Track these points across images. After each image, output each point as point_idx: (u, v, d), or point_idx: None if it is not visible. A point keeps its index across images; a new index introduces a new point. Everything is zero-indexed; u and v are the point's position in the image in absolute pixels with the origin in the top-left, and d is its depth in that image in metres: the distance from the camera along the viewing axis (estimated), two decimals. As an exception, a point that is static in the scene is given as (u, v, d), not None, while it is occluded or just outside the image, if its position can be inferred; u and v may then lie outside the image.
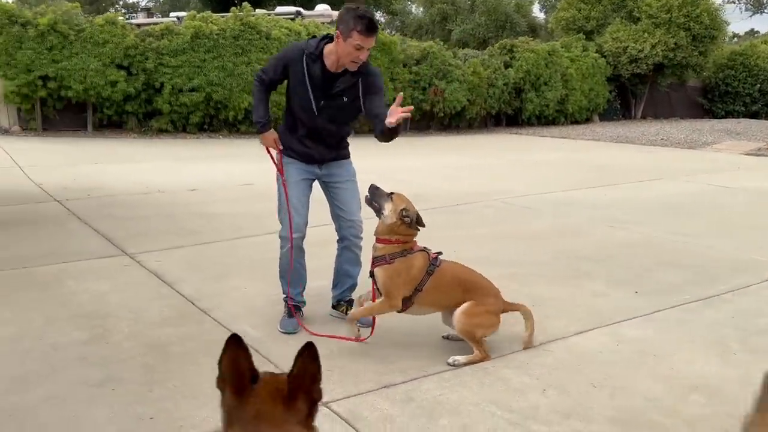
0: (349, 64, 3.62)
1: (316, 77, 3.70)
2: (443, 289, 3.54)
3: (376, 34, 3.54)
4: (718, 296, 4.53)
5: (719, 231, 6.61)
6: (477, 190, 8.63)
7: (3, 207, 7.03)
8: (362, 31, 3.48)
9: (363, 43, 3.51)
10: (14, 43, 12.51)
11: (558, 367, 3.44)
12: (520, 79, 18.87)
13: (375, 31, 3.52)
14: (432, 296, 3.54)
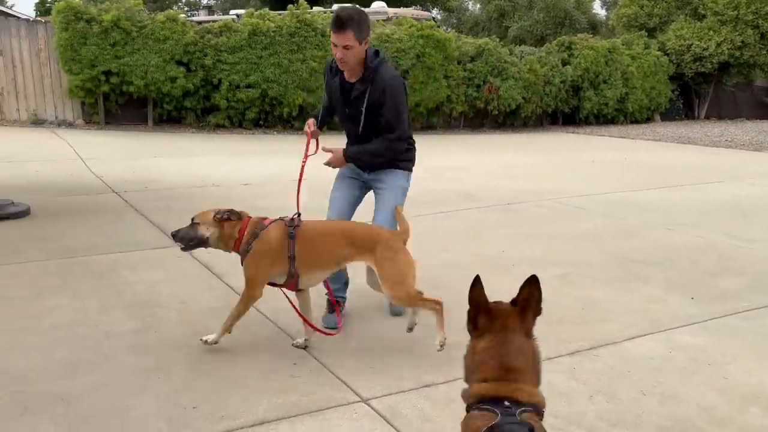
0: (339, 66, 3.65)
1: (335, 87, 3.80)
2: (319, 247, 3.38)
3: (344, 30, 3.45)
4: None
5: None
6: (529, 189, 8.48)
7: (65, 197, 7.29)
8: (331, 27, 3.51)
9: (333, 40, 3.52)
10: (79, 39, 12.95)
11: (607, 372, 3.33)
12: (578, 76, 18.47)
13: (341, 27, 3.45)
14: (310, 258, 3.35)
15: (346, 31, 3.46)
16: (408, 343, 3.61)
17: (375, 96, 3.65)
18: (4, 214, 6.12)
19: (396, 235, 3.50)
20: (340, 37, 3.48)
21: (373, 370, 3.30)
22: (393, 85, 3.65)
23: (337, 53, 3.55)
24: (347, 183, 3.99)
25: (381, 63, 3.68)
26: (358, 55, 3.58)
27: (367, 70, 3.64)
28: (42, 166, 9.21)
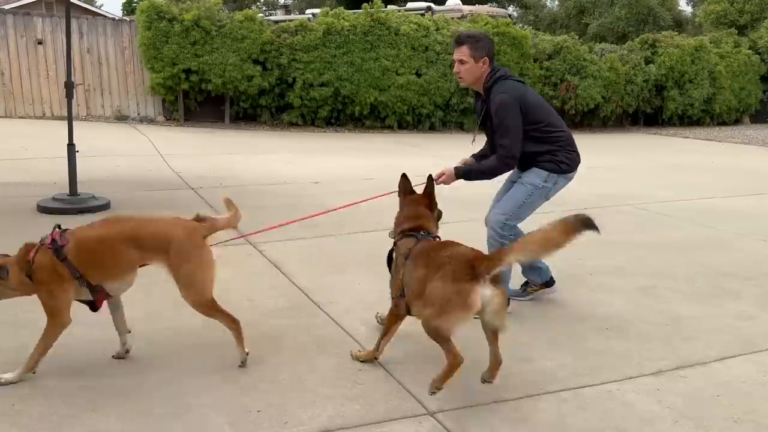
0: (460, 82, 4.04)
1: (477, 109, 4.15)
2: (99, 258, 3.05)
3: (460, 45, 3.84)
4: None
5: None
6: (608, 194, 8.12)
7: (143, 192, 7.49)
8: (452, 44, 3.98)
9: (454, 55, 3.91)
10: (161, 37, 13.34)
11: (694, 396, 3.08)
12: (662, 75, 17.67)
13: (458, 42, 3.86)
14: (97, 271, 3.05)
15: (462, 47, 3.85)
16: (482, 355, 3.45)
17: (490, 114, 3.87)
18: (86, 207, 6.32)
19: (194, 231, 3.21)
20: (457, 51, 3.88)
21: (441, 381, 3.16)
22: (497, 102, 3.79)
23: (455, 68, 3.94)
24: (506, 186, 4.21)
25: (496, 81, 3.85)
26: (474, 71, 3.86)
27: (486, 91, 3.90)
28: (123, 160, 9.52)
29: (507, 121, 3.79)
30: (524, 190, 3.96)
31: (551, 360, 3.43)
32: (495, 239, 3.92)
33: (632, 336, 3.77)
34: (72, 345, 3.44)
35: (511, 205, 3.96)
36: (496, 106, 3.79)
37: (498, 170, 3.92)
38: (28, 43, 13.37)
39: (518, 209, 3.95)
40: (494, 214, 3.99)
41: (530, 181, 3.96)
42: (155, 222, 3.28)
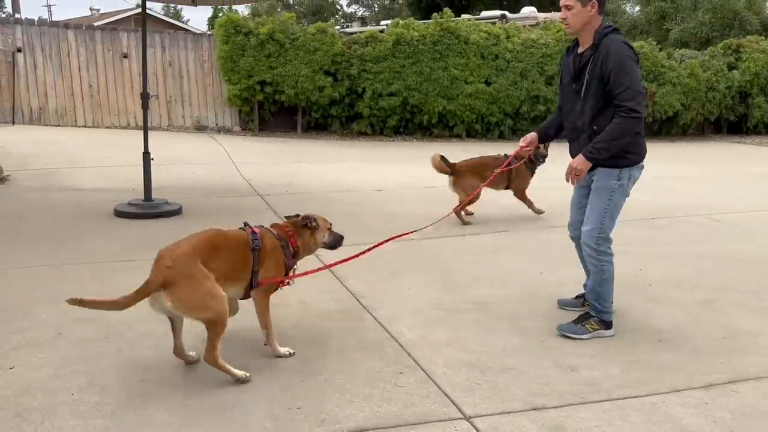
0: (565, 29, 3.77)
1: (568, 65, 3.83)
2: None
3: None
4: None
5: None
6: (680, 203, 7.85)
7: (214, 198, 7.81)
8: None
9: (561, 2, 3.65)
10: (238, 51, 13.86)
11: (744, 412, 2.97)
12: (747, 82, 16.87)
13: None
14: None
15: None
16: (524, 361, 3.45)
17: (599, 62, 3.53)
18: (158, 212, 6.66)
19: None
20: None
21: (481, 386, 3.17)
22: (618, 49, 3.50)
23: (561, 15, 3.69)
24: (577, 191, 4.04)
25: (611, 32, 3.59)
26: (581, 17, 3.59)
27: (597, 36, 3.59)
28: (199, 168, 9.94)
29: (628, 68, 3.45)
30: (603, 198, 3.71)
31: (597, 370, 3.37)
32: (593, 257, 3.77)
33: (685, 349, 3.65)
34: (133, 339, 3.66)
35: (597, 218, 3.72)
36: (616, 51, 3.47)
37: (628, 129, 3.49)
38: (115, 57, 14.18)
39: (605, 219, 3.72)
40: (585, 232, 3.77)
41: (604, 186, 3.70)
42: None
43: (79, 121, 14.15)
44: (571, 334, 3.76)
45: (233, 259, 3.30)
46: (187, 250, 3.11)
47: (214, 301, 3.06)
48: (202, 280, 3.05)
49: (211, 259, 3.16)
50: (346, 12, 56.29)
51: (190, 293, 3.02)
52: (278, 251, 3.48)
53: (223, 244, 3.30)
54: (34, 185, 8.28)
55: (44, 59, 13.76)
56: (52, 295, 4.33)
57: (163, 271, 3.01)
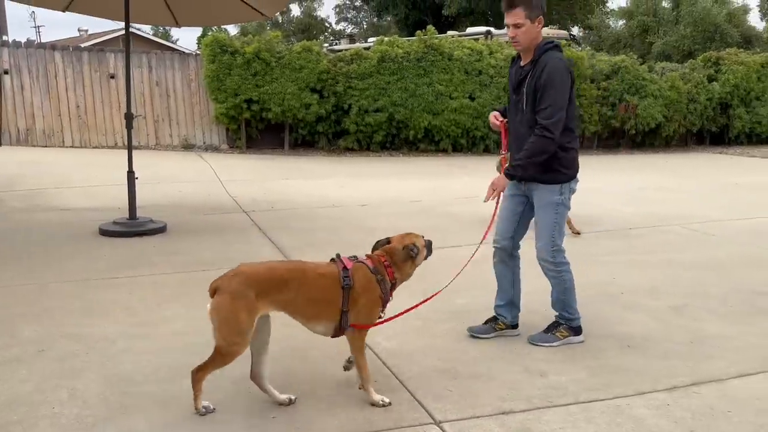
0: (513, 47, 3.77)
1: (512, 76, 3.88)
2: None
3: (513, 7, 3.56)
4: None
5: None
6: (657, 214, 8.00)
7: (199, 216, 7.89)
8: (503, 8, 3.65)
9: (506, 21, 3.64)
10: (225, 70, 14.00)
11: (705, 412, 3.08)
12: (727, 93, 17.18)
13: (511, 4, 3.57)
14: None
15: (515, 9, 3.57)
16: (495, 368, 3.55)
17: (535, 77, 3.61)
18: (142, 231, 6.74)
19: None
20: (511, 15, 3.59)
21: (452, 393, 3.27)
22: (552, 66, 3.57)
23: (510, 33, 3.65)
24: (509, 201, 3.99)
25: (552, 48, 3.66)
26: (531, 34, 3.61)
27: (537, 52, 3.64)
28: (185, 187, 10.03)
29: (557, 88, 3.55)
30: (550, 213, 3.79)
31: (565, 375, 3.48)
32: (552, 270, 3.84)
33: (652, 353, 3.77)
34: (115, 354, 3.74)
35: (548, 233, 3.80)
36: (549, 69, 3.55)
37: (539, 147, 3.59)
38: (102, 77, 14.29)
39: (555, 232, 3.80)
40: (539, 248, 3.84)
41: (549, 201, 3.78)
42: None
43: (67, 141, 14.22)
44: (543, 343, 3.87)
45: (312, 296, 3.08)
46: (249, 272, 3.01)
47: (237, 338, 2.93)
48: (240, 307, 2.91)
49: (274, 291, 3.00)
50: (334, 29, 56.82)
51: (224, 310, 2.93)
52: (373, 287, 3.17)
53: (298, 278, 3.07)
54: (21, 206, 8.35)
55: (31, 81, 13.86)
56: (36, 312, 4.41)
57: (223, 279, 3.01)
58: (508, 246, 4.00)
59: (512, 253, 4.03)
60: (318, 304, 3.09)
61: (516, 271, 4.08)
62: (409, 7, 27.23)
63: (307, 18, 57.08)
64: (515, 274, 4.08)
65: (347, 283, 3.08)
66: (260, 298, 2.96)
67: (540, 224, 3.85)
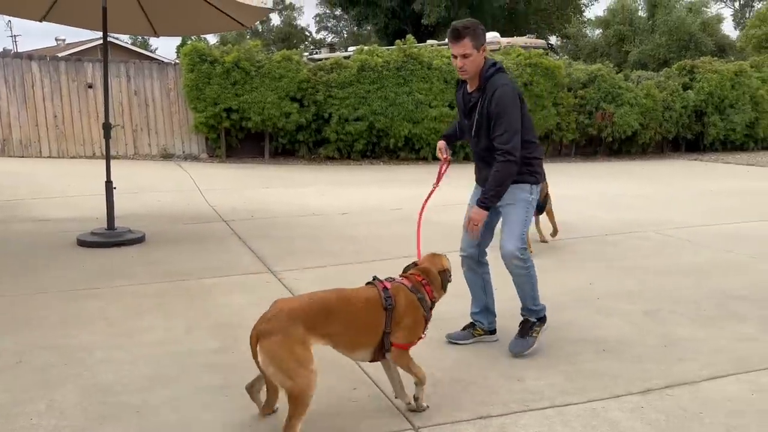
0: (460, 76, 3.81)
1: (460, 100, 3.98)
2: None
3: (461, 39, 3.60)
4: None
5: None
6: (634, 220, 8.12)
7: (178, 225, 7.86)
8: (449, 39, 3.67)
9: (453, 51, 3.68)
10: (204, 79, 13.98)
11: (677, 414, 3.14)
12: (702, 101, 17.48)
13: (458, 36, 3.60)
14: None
15: (463, 40, 3.62)
16: (473, 374, 3.60)
17: (485, 104, 3.69)
18: (120, 241, 6.71)
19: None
20: (458, 46, 3.64)
21: (431, 398, 3.30)
22: (500, 92, 3.65)
23: (457, 63, 3.70)
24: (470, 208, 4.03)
25: (496, 72, 3.72)
26: (477, 63, 3.68)
27: (483, 79, 3.72)
28: (164, 196, 9.99)
29: (510, 113, 3.63)
30: (521, 209, 3.84)
31: (542, 380, 3.53)
32: (521, 267, 3.84)
33: (627, 357, 3.84)
34: (93, 365, 3.73)
35: (518, 230, 3.82)
36: (498, 95, 3.63)
37: (504, 174, 3.68)
38: (79, 87, 14.19)
39: (524, 229, 3.86)
40: (509, 248, 3.80)
41: (520, 198, 3.83)
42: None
43: (44, 151, 14.09)
44: (524, 351, 3.84)
45: (358, 324, 3.00)
46: (289, 309, 2.88)
47: (302, 370, 2.74)
48: (293, 342, 2.76)
49: (321, 324, 2.88)
50: (315, 38, 56.93)
51: (278, 351, 2.74)
52: (416, 307, 3.15)
53: (343, 309, 2.98)
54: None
55: (8, 90, 13.73)
56: (12, 323, 4.38)
57: (262, 322, 2.84)
58: (475, 254, 4.07)
59: (479, 260, 4.09)
60: (364, 330, 3.02)
61: (486, 278, 4.14)
62: (389, 16, 27.39)
63: (287, 27, 57.16)
64: (485, 280, 4.14)
65: (389, 304, 3.03)
66: (309, 332, 2.82)
67: (510, 221, 3.86)
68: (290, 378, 2.73)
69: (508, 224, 3.87)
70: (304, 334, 2.79)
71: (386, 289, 3.08)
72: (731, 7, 51.05)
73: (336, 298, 3.02)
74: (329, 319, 2.91)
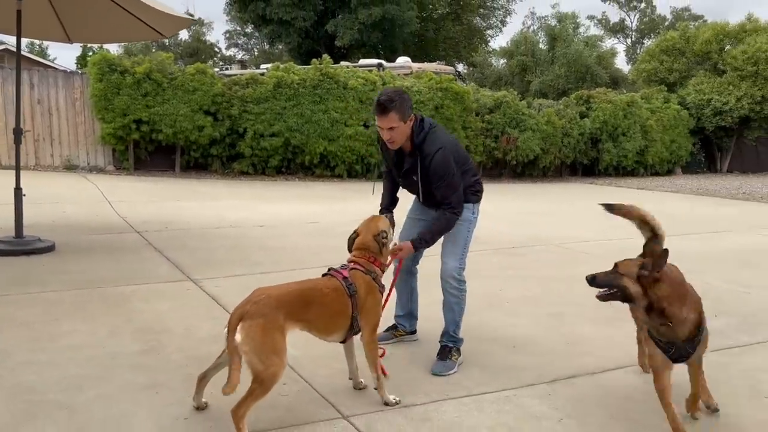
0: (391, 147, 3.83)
1: (390, 157, 4.00)
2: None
3: (386, 113, 3.62)
4: (761, 343, 4.42)
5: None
6: (538, 235, 8.65)
7: (89, 236, 7.66)
8: (374, 112, 3.72)
9: (378, 123, 3.71)
10: (113, 89, 13.66)
11: (581, 399, 3.48)
12: (597, 129, 18.75)
13: (384, 111, 3.62)
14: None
15: (389, 114, 3.63)
16: (397, 369, 3.80)
17: (425, 170, 3.77)
18: (30, 249, 6.49)
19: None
20: (385, 120, 3.66)
21: (358, 391, 3.49)
22: (436, 159, 3.71)
23: (384, 135, 3.73)
24: (412, 223, 4.14)
25: (426, 136, 3.77)
26: (404, 133, 3.72)
27: (415, 146, 3.78)
28: (70, 207, 9.67)
29: (449, 177, 3.73)
30: (464, 230, 3.93)
31: (459, 373, 3.79)
32: (456, 289, 3.93)
33: (535, 352, 4.18)
34: (14, 367, 3.66)
35: (461, 251, 3.92)
36: (435, 162, 3.71)
37: (449, 225, 3.83)
38: (-22, 94, 13.51)
39: (466, 250, 3.95)
40: (450, 267, 3.90)
41: (463, 218, 3.90)
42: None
43: (-65, 159, 13.27)
44: (448, 372, 3.81)
45: (331, 311, 3.24)
46: (275, 295, 3.04)
47: (275, 358, 2.91)
48: (273, 328, 2.93)
49: (299, 311, 3.10)
50: (224, 55, 56.17)
51: (259, 334, 2.88)
52: (374, 287, 3.41)
53: (317, 298, 3.20)
54: None
55: None
56: None
57: (246, 305, 2.96)
58: (409, 265, 4.20)
59: (412, 270, 4.28)
60: (336, 316, 3.26)
61: (414, 286, 4.34)
62: (302, 36, 27.55)
63: (196, 42, 56.12)
64: (414, 288, 4.34)
65: (353, 291, 3.29)
66: (288, 319, 3.02)
67: (452, 242, 3.93)
68: (263, 363, 2.87)
69: (451, 243, 3.95)
70: (285, 321, 3.00)
71: (346, 279, 3.31)
72: (624, 43, 54.92)
73: (310, 288, 3.24)
74: (307, 308, 3.14)
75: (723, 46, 23.25)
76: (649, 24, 53.58)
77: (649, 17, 54.19)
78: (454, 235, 3.93)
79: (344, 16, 26.10)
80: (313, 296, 3.21)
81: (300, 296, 3.16)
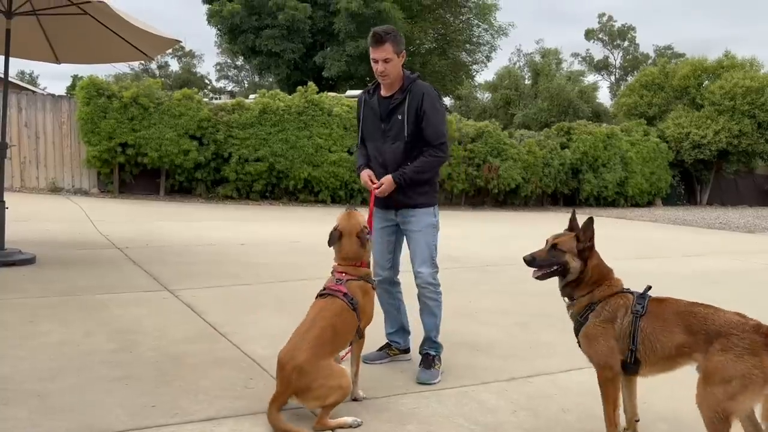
0: (380, 80, 3.89)
1: (373, 107, 3.97)
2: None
3: (382, 44, 3.70)
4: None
5: (745, 301, 6.59)
6: (512, 256, 8.81)
7: (70, 250, 7.77)
8: (370, 44, 3.79)
9: (373, 56, 3.77)
10: (100, 113, 13.86)
11: (535, 395, 3.64)
12: (577, 159, 19.14)
13: (380, 41, 3.71)
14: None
15: (384, 45, 3.71)
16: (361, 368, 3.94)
17: (414, 103, 3.80)
18: (11, 261, 6.59)
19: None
20: (380, 51, 3.73)
21: (322, 387, 3.62)
22: (429, 92, 3.82)
23: (378, 68, 3.77)
24: (380, 233, 4.08)
25: (419, 77, 3.92)
26: (398, 68, 3.80)
27: (406, 81, 3.85)
28: (53, 225, 9.76)
29: (443, 112, 3.76)
30: (430, 234, 3.95)
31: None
32: (434, 292, 3.96)
33: (497, 355, 4.34)
34: (-13, 361, 3.77)
35: (430, 255, 3.94)
36: (429, 95, 3.78)
37: (431, 165, 3.84)
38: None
39: (435, 253, 3.97)
40: (425, 273, 3.93)
41: (427, 224, 3.94)
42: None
43: None
44: (433, 380, 3.79)
45: (347, 329, 3.35)
46: (309, 355, 3.12)
47: (343, 379, 3.13)
48: (329, 375, 3.10)
49: (333, 344, 3.26)
50: (215, 86, 56.75)
51: (321, 392, 3.08)
52: (369, 292, 3.51)
53: (338, 324, 3.29)
54: None
55: None
56: None
57: (290, 382, 3.10)
58: (389, 276, 4.13)
59: (393, 280, 4.17)
60: (350, 330, 3.37)
61: (399, 297, 4.21)
62: (291, 67, 27.97)
63: (186, 74, 56.70)
64: (399, 300, 4.20)
65: (355, 303, 3.37)
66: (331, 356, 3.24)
67: (421, 247, 3.94)
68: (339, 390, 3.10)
69: (419, 250, 3.96)
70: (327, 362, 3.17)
71: (346, 294, 3.37)
72: (608, 80, 56.02)
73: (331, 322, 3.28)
74: (335, 339, 3.28)
75: (701, 81, 23.95)
76: (632, 62, 54.77)
77: (632, 55, 55.44)
78: (419, 244, 3.94)
79: (332, 48, 26.59)
80: (340, 326, 3.30)
81: (329, 332, 3.24)
